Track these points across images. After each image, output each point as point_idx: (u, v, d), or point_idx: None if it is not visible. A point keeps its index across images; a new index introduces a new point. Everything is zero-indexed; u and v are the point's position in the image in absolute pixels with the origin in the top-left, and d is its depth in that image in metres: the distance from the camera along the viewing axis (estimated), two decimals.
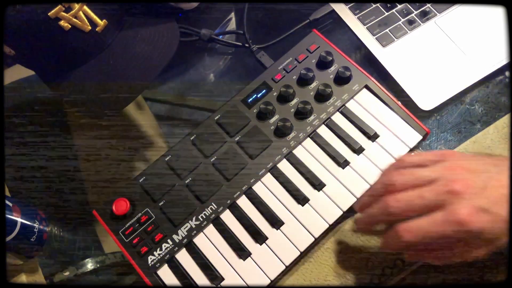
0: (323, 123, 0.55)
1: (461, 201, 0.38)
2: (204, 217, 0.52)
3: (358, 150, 0.53)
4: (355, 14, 0.64)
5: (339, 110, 0.56)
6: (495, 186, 0.39)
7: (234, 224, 0.51)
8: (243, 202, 0.52)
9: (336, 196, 0.51)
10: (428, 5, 0.62)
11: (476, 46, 0.59)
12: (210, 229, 0.52)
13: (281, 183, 0.53)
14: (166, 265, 0.50)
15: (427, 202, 0.40)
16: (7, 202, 0.52)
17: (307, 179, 0.52)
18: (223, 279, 0.49)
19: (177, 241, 0.51)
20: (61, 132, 0.67)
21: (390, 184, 0.43)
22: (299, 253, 0.49)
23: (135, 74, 0.53)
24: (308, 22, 0.66)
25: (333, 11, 0.65)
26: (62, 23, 0.49)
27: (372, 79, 0.56)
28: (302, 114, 0.55)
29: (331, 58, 0.56)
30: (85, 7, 0.51)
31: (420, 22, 0.62)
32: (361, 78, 0.56)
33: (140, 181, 0.54)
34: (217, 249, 0.51)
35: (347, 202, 0.51)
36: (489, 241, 0.39)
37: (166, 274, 0.50)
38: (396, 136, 0.53)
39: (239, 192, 0.52)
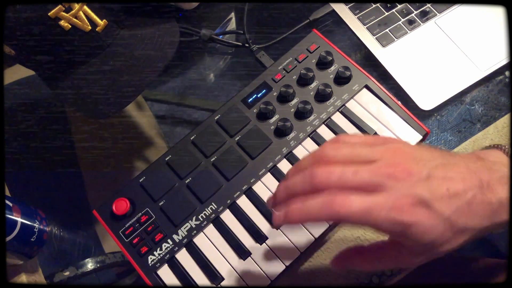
0: (323, 123, 0.55)
1: (401, 188, 0.33)
2: (204, 217, 0.52)
3: None
4: (355, 14, 0.64)
5: (339, 110, 0.56)
6: (441, 179, 0.34)
7: (234, 224, 0.51)
8: (243, 202, 0.52)
9: None
10: (428, 5, 0.62)
11: (476, 46, 0.59)
12: (210, 229, 0.52)
13: None
14: (166, 265, 0.50)
15: (363, 180, 0.34)
16: (7, 202, 0.52)
17: None
18: (223, 279, 0.49)
19: (177, 241, 0.51)
20: (61, 132, 0.67)
21: (322, 156, 0.36)
22: (299, 253, 0.49)
23: (135, 74, 0.53)
24: (308, 22, 0.66)
25: (333, 11, 0.65)
26: (62, 23, 0.49)
27: (372, 79, 0.56)
28: (302, 114, 0.55)
29: (331, 58, 0.56)
30: (85, 7, 0.51)
31: (420, 22, 0.62)
32: (361, 78, 0.56)
33: (140, 181, 0.54)
34: (217, 249, 0.51)
35: None
36: (425, 244, 0.33)
37: (166, 274, 0.50)
38: (396, 136, 0.53)
39: (239, 192, 0.52)
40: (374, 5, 0.64)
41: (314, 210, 0.34)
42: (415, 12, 0.62)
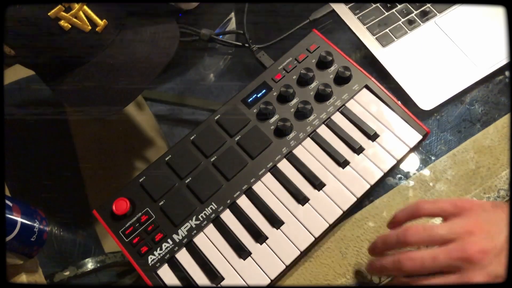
0: (323, 123, 0.55)
1: (476, 269, 0.37)
2: (204, 216, 0.52)
3: (358, 149, 0.53)
4: (355, 14, 0.64)
5: (339, 110, 0.56)
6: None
7: (234, 224, 0.51)
8: (243, 202, 0.52)
9: (336, 196, 0.51)
10: (428, 5, 0.62)
11: (476, 46, 0.59)
12: (210, 229, 0.52)
13: (281, 183, 0.53)
14: (166, 265, 0.50)
15: (441, 265, 0.39)
16: (7, 202, 0.52)
17: (307, 178, 0.52)
18: (223, 279, 0.49)
19: (177, 240, 0.51)
20: (61, 132, 0.67)
21: (405, 242, 0.42)
22: (299, 253, 0.49)
23: (135, 74, 0.53)
24: (308, 22, 0.66)
25: (333, 11, 0.65)
26: (62, 23, 0.49)
27: (372, 79, 0.56)
28: (302, 114, 0.55)
29: (331, 58, 0.56)
30: (85, 7, 0.51)
31: (420, 22, 0.62)
32: (361, 78, 0.56)
33: (140, 181, 0.54)
34: (217, 249, 0.51)
35: (347, 201, 0.51)
36: None
37: (166, 274, 0.50)
38: (396, 136, 0.53)
39: (239, 192, 0.52)
40: (374, 5, 0.64)
41: None
42: (415, 12, 0.62)
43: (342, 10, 0.65)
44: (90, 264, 0.58)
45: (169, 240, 0.51)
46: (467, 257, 0.38)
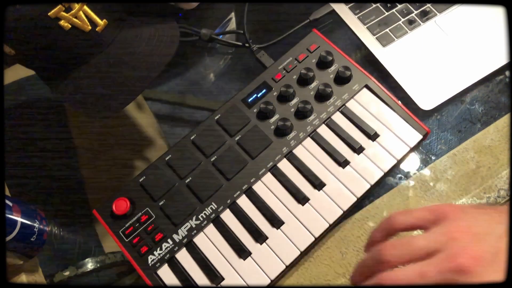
0: (323, 122, 0.55)
1: (473, 277, 0.32)
2: (204, 216, 0.52)
3: (358, 149, 0.53)
4: (355, 14, 0.64)
5: (339, 110, 0.56)
6: (506, 251, 0.32)
7: (234, 223, 0.51)
8: (243, 202, 0.52)
9: (336, 196, 0.51)
10: (428, 5, 0.62)
11: (476, 46, 0.59)
12: (210, 229, 0.51)
13: (281, 182, 0.53)
14: (166, 265, 0.50)
15: (431, 280, 0.33)
16: (7, 202, 0.52)
17: (307, 178, 0.52)
18: (223, 279, 0.49)
19: (177, 240, 0.51)
20: (61, 132, 0.67)
21: (383, 262, 0.35)
22: (299, 252, 0.49)
23: (135, 74, 0.53)
24: (308, 22, 0.66)
25: (333, 11, 0.65)
26: (62, 23, 0.49)
27: (372, 78, 0.56)
28: (302, 113, 0.55)
29: (331, 58, 0.56)
30: (85, 7, 0.51)
31: (420, 22, 0.62)
32: (361, 78, 0.56)
33: (140, 180, 0.54)
34: (217, 249, 0.51)
35: (347, 201, 0.51)
36: None
37: (166, 274, 0.50)
38: (396, 136, 0.53)
39: (239, 192, 0.52)
40: (374, 5, 0.64)
41: None
42: (415, 12, 0.62)
43: (342, 10, 0.65)
44: (90, 264, 0.58)
45: (169, 240, 0.51)
46: (458, 267, 0.32)
